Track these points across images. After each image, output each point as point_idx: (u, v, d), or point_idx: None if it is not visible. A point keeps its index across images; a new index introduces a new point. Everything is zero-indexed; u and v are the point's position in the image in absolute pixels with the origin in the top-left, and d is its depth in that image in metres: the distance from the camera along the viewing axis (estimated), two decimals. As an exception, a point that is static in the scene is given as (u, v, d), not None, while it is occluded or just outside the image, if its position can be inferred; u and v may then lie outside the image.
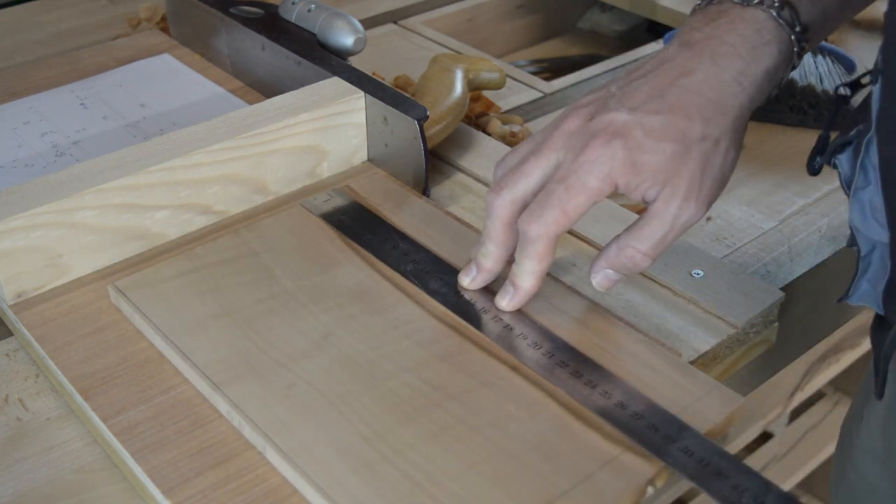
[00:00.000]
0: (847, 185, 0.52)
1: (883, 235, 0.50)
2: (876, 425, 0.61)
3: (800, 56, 0.53)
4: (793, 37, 0.52)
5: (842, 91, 0.55)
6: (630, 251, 0.52)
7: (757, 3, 0.52)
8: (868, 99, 0.50)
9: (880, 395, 0.57)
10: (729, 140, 0.51)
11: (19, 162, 0.72)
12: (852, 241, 0.54)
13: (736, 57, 0.51)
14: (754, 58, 0.51)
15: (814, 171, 0.55)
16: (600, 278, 0.54)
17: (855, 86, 0.55)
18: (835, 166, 0.53)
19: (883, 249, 0.51)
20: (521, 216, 0.51)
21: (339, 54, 0.75)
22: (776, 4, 0.52)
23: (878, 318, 0.55)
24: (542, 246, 0.51)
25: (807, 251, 0.69)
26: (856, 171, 0.51)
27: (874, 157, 0.49)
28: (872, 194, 0.50)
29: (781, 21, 0.52)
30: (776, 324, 0.61)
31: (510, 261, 0.55)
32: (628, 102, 0.51)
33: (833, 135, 0.54)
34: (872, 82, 0.48)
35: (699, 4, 0.55)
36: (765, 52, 0.52)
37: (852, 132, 0.51)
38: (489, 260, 0.55)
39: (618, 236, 0.53)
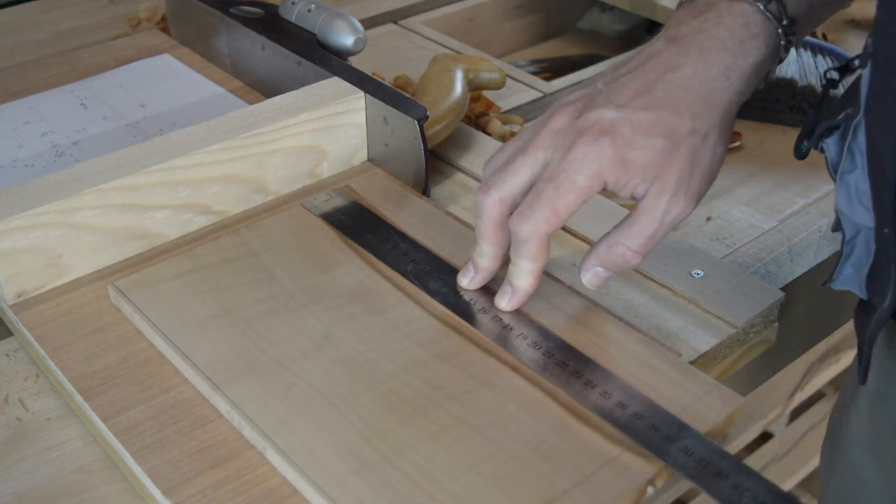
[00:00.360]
0: (833, 169, 0.53)
1: (868, 219, 0.50)
2: (864, 414, 0.61)
3: (786, 49, 0.53)
4: (780, 30, 0.52)
5: (830, 75, 0.55)
6: (620, 248, 0.52)
7: None
8: (857, 83, 0.50)
9: (863, 379, 0.57)
10: (717, 135, 0.51)
11: (19, 162, 0.72)
12: (837, 226, 0.54)
13: (724, 51, 0.51)
14: (742, 52, 0.51)
15: (801, 154, 0.55)
16: (590, 276, 0.54)
17: (843, 70, 0.55)
18: (822, 150, 0.53)
19: (867, 234, 0.51)
20: (511, 217, 0.51)
21: (339, 54, 0.75)
22: None
23: (861, 302, 0.55)
24: (534, 245, 0.51)
25: (807, 251, 0.69)
26: (843, 154, 0.51)
27: (862, 141, 0.49)
28: (859, 178, 0.50)
29: (769, 14, 0.52)
30: (776, 324, 0.61)
31: (507, 260, 0.55)
32: (616, 99, 0.50)
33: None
34: (862, 66, 0.48)
35: None
36: (752, 45, 0.51)
37: (840, 116, 0.51)
38: (485, 259, 0.55)
39: (607, 234, 0.53)
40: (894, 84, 0.44)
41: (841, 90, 0.58)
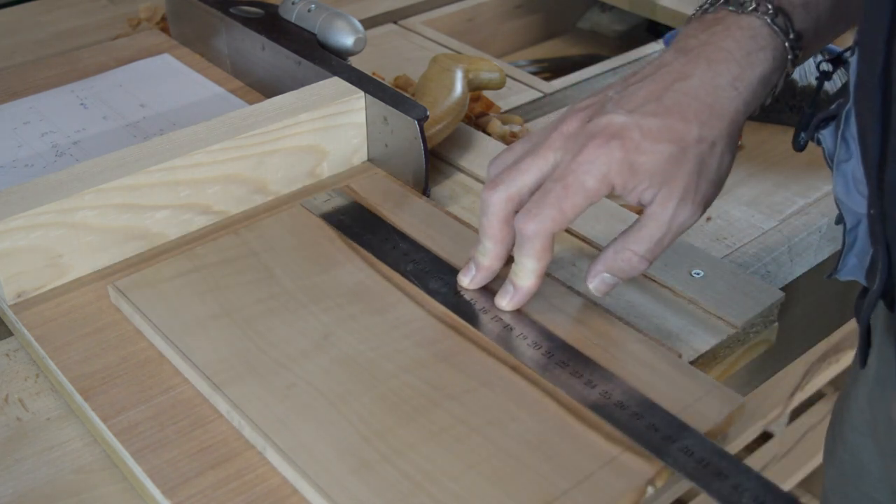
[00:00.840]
0: (830, 159, 0.53)
1: (866, 207, 0.51)
2: (863, 399, 0.61)
3: (794, 64, 0.54)
4: (787, 43, 0.53)
5: (823, 67, 0.56)
6: (627, 254, 0.52)
7: (752, 11, 0.53)
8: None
9: (863, 363, 0.57)
10: (725, 143, 0.52)
11: (19, 162, 0.72)
12: (840, 218, 0.54)
13: (731, 62, 0.52)
14: (749, 63, 0.52)
15: (799, 147, 0.56)
16: (597, 282, 0.54)
17: (836, 62, 0.56)
18: (818, 142, 0.54)
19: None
20: (517, 215, 0.52)
21: (339, 54, 0.75)
22: (770, 11, 0.53)
23: (864, 290, 0.56)
24: (539, 244, 0.51)
25: (807, 251, 0.69)
26: (837, 143, 0.51)
27: (854, 128, 0.50)
28: (854, 166, 0.51)
29: (776, 27, 0.53)
30: (776, 324, 0.61)
31: (509, 259, 0.55)
32: (626, 105, 0.51)
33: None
34: (851, 54, 0.49)
35: (695, 13, 0.56)
36: (759, 57, 0.52)
37: (833, 106, 0.52)
38: (487, 258, 0.55)
39: (614, 240, 0.53)
40: (875, 68, 0.45)
41: (838, 83, 0.58)
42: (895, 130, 0.45)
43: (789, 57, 0.54)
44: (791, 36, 0.53)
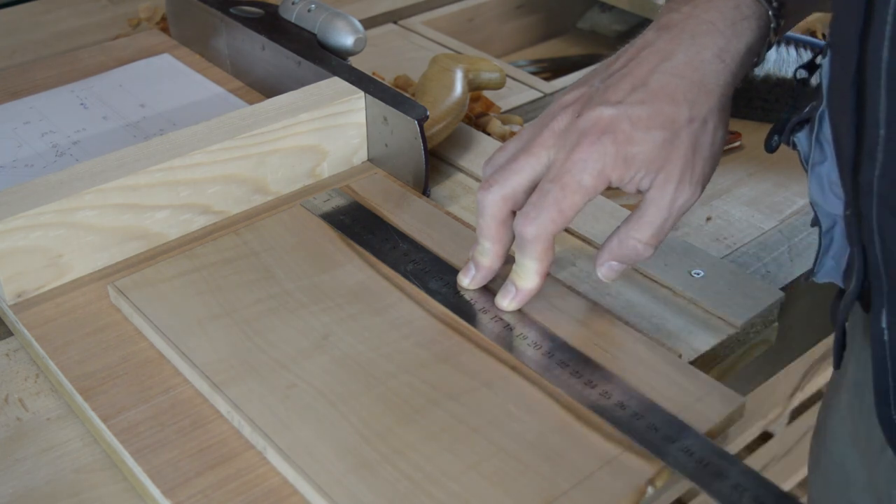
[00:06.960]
0: (806, 162, 0.53)
1: (841, 209, 0.51)
2: (844, 407, 0.61)
3: (776, 33, 0.54)
4: (770, 12, 0.53)
5: (799, 74, 0.56)
6: (632, 242, 0.52)
7: None
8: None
9: (837, 364, 0.57)
10: (716, 119, 0.51)
11: (19, 162, 0.72)
12: (816, 220, 0.54)
13: (716, 34, 0.51)
14: (735, 33, 0.52)
15: (770, 148, 0.56)
16: (605, 270, 0.54)
17: (811, 68, 0.56)
18: (794, 146, 0.54)
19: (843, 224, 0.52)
20: (516, 218, 0.52)
21: (339, 54, 0.75)
22: None
23: (840, 292, 0.55)
24: (540, 246, 0.51)
25: (807, 251, 0.69)
26: (812, 146, 0.51)
27: (828, 131, 0.50)
28: (829, 168, 0.51)
29: None
30: (776, 324, 0.61)
31: (509, 258, 0.55)
32: (612, 96, 0.51)
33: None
34: (822, 56, 0.49)
35: None
36: (744, 27, 0.52)
37: (807, 109, 0.52)
38: (487, 258, 0.55)
39: (617, 228, 0.53)
40: (849, 68, 0.45)
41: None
42: (869, 131, 0.45)
43: (772, 26, 0.53)
44: (774, 4, 0.53)
